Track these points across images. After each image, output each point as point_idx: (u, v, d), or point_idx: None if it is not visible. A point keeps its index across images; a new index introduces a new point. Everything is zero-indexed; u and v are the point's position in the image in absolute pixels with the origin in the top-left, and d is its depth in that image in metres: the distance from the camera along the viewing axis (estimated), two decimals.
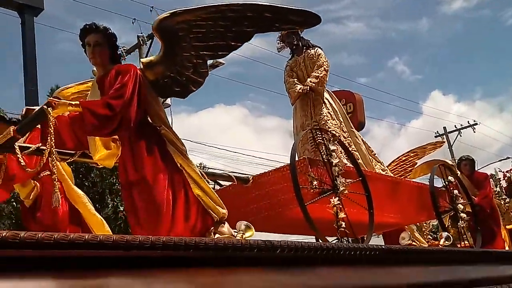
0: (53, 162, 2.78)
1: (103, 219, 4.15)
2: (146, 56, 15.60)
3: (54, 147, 2.76)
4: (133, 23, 15.82)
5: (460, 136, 25.54)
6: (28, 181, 3.94)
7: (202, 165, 13.46)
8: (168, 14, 3.14)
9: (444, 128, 25.86)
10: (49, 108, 2.78)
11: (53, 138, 2.75)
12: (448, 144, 24.62)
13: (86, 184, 8.63)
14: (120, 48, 3.31)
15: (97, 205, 8.54)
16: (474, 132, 25.54)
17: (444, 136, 25.27)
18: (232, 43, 3.30)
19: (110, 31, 3.21)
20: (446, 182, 5.38)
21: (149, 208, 2.94)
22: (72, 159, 3.46)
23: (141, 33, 15.95)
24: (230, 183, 4.52)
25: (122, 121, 2.92)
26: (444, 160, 6.33)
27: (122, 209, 8.99)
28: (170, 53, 3.22)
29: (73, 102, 2.88)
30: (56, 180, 2.77)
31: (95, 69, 3.51)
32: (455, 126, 25.97)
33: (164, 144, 3.09)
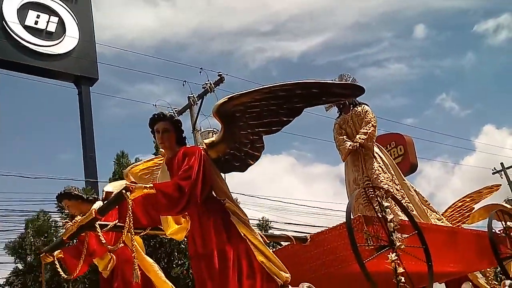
0: (133, 242, 3.13)
1: (173, 286, 4.46)
2: (197, 116, 16.26)
3: (132, 227, 3.10)
4: (183, 85, 16.44)
5: None
6: (105, 254, 4.34)
7: (265, 219, 13.56)
8: (226, 99, 3.51)
9: (502, 164, 25.12)
10: (127, 192, 3.15)
11: (131, 219, 3.10)
12: (507, 180, 23.84)
13: (152, 244, 9.00)
14: (184, 132, 3.69)
15: (164, 265, 8.93)
16: None
17: (503, 172, 24.52)
18: (285, 119, 3.61)
19: (176, 117, 3.63)
20: (506, 228, 5.38)
21: (215, 278, 3.22)
22: (145, 233, 3.82)
23: (191, 94, 16.55)
24: (289, 243, 4.75)
25: (190, 200, 3.26)
26: (501, 204, 6.31)
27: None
28: (229, 133, 3.57)
29: (148, 185, 3.25)
30: (135, 257, 3.10)
31: (163, 150, 3.91)
32: None
33: (228, 216, 3.40)
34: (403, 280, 4.11)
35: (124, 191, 3.16)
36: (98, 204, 4.34)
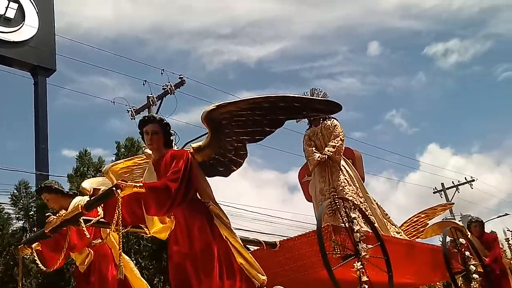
0: (120, 239, 3.21)
1: (146, 283, 4.54)
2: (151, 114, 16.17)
3: (120, 224, 3.18)
4: (143, 84, 16.32)
5: (458, 192, 25.93)
6: (84, 249, 4.37)
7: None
8: (214, 107, 3.65)
9: (442, 184, 26.39)
10: (118, 190, 3.23)
11: (120, 216, 3.18)
12: (446, 200, 25.03)
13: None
14: (173, 135, 3.80)
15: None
16: (472, 188, 25.98)
17: (442, 192, 25.74)
18: (267, 129, 3.78)
19: (165, 121, 3.74)
20: (458, 244, 5.74)
21: (201, 277, 3.34)
22: (126, 230, 3.88)
23: (151, 94, 16.46)
24: (259, 247, 4.91)
25: (177, 200, 3.37)
26: (455, 222, 6.71)
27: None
28: (215, 139, 3.71)
29: (137, 184, 3.34)
30: (120, 254, 3.18)
31: (147, 150, 4.00)
32: (452, 182, 26.45)
33: (212, 218, 3.54)
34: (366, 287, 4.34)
35: (114, 188, 3.23)
36: (78, 199, 4.39)
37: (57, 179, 5.51)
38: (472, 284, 5.53)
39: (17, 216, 9.52)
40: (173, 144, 3.87)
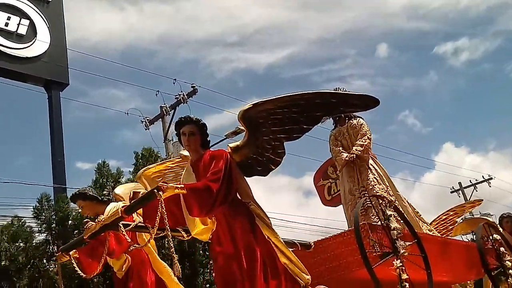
0: (170, 243, 3.19)
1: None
2: (169, 126, 16.21)
3: (168, 226, 3.14)
4: (156, 94, 16.38)
5: (476, 191, 25.72)
6: (121, 255, 4.33)
7: None
8: (251, 105, 3.61)
9: (460, 183, 26.20)
10: (159, 192, 3.19)
11: (166, 217, 3.14)
12: (464, 199, 24.79)
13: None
14: (208, 136, 3.76)
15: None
16: (490, 186, 25.73)
17: (460, 191, 25.50)
18: (304, 126, 3.74)
19: (202, 121, 3.70)
20: (492, 240, 5.65)
21: (246, 277, 3.29)
22: (165, 233, 3.84)
23: (164, 104, 16.51)
24: (293, 249, 4.84)
25: (219, 201, 3.33)
26: (486, 218, 6.61)
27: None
28: (252, 138, 3.67)
29: (179, 186, 3.30)
30: (174, 253, 3.15)
31: (183, 152, 3.97)
32: (470, 181, 26.22)
33: (253, 218, 3.49)
34: (407, 286, 4.26)
35: (156, 190, 3.19)
36: (113, 205, 4.35)
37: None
38: (509, 280, 5.43)
39: (39, 229, 9.53)
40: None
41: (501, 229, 6.54)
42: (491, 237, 5.71)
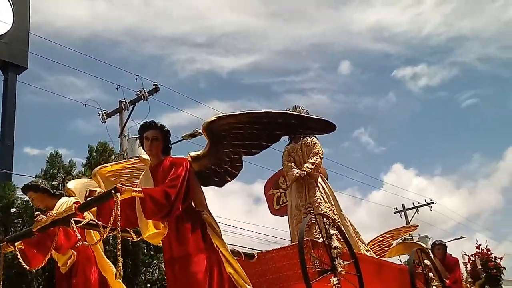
0: (119, 241, 3.27)
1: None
2: (126, 121, 16.06)
3: (119, 227, 3.24)
4: (117, 88, 16.18)
5: (418, 213, 26.72)
6: (68, 250, 4.35)
7: None
8: (215, 118, 3.77)
9: (403, 205, 27.15)
10: (117, 193, 3.28)
11: (119, 219, 3.23)
12: (406, 221, 25.77)
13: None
14: (171, 143, 3.88)
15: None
16: (431, 210, 26.80)
17: (403, 212, 26.46)
18: (264, 143, 3.93)
19: (166, 128, 3.82)
20: (423, 265, 6.01)
21: (190, 283, 3.43)
22: (115, 233, 3.92)
23: (124, 99, 16.33)
24: (238, 257, 5.01)
25: (174, 207, 3.46)
26: (420, 244, 7.00)
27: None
28: (213, 149, 3.82)
29: (137, 189, 3.40)
30: (119, 256, 3.23)
31: (142, 155, 4.06)
32: (412, 203, 27.21)
33: (205, 227, 3.64)
34: None
35: (113, 191, 3.28)
36: (64, 200, 4.39)
37: (21, 179, 5.46)
38: None
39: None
40: (143, 151, 3.96)
41: (432, 256, 6.95)
42: (422, 262, 6.06)
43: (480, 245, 9.42)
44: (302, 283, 4.44)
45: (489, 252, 8.97)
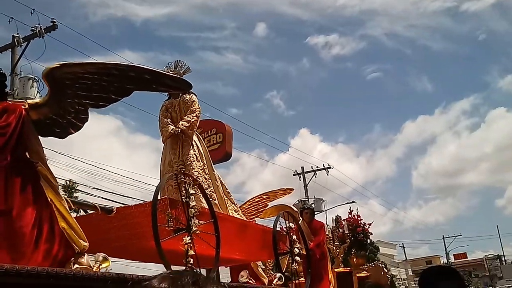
0: None
1: None
2: (19, 58, 15.06)
3: None
4: (9, 22, 15.03)
5: (315, 177, 27.75)
6: None
7: (72, 181, 13.27)
8: (58, 65, 3.53)
9: (302, 168, 28.12)
10: None
11: None
12: (304, 183, 26.78)
13: None
14: (7, 88, 3.61)
15: None
16: (328, 175, 27.97)
17: (302, 175, 27.40)
18: (113, 96, 3.76)
19: (1, 71, 3.53)
20: (288, 227, 6.22)
21: (13, 237, 3.26)
22: None
23: (17, 34, 15.24)
24: (94, 212, 4.89)
25: (1, 156, 3.24)
26: (290, 206, 7.23)
27: None
28: (55, 98, 3.60)
29: None
30: None
31: None
32: (311, 167, 28.21)
33: (38, 179, 3.45)
34: (191, 261, 4.55)
35: None
36: None
37: None
38: (292, 265, 6.03)
39: None
40: (37, 92, 3.69)
41: (300, 219, 7.22)
42: (288, 224, 6.26)
43: (352, 211, 9.98)
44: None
45: (359, 219, 9.50)
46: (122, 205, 5.17)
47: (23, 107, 3.53)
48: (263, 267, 7.61)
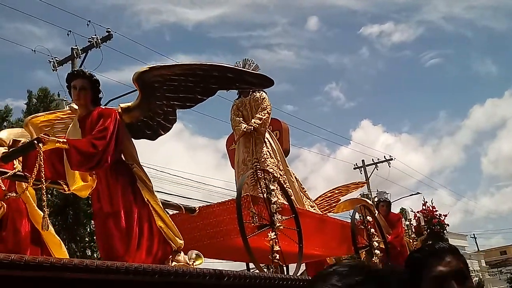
0: (42, 193, 3.17)
1: (60, 240, 4.47)
2: (79, 67, 15.57)
3: (43, 177, 3.14)
4: (68, 34, 15.58)
5: (377, 170, 27.18)
6: None
7: None
8: (147, 68, 3.63)
9: (363, 161, 27.46)
10: (39, 144, 3.17)
11: (42, 169, 3.14)
12: (365, 176, 26.20)
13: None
14: (101, 92, 3.74)
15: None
16: (390, 167, 27.29)
17: (362, 168, 26.89)
18: (199, 97, 3.83)
19: (95, 77, 3.66)
20: (365, 221, 6.14)
21: (122, 237, 3.39)
22: (45, 185, 3.81)
23: (76, 46, 15.78)
24: (179, 211, 4.99)
25: (102, 159, 3.37)
26: (365, 200, 7.13)
27: None
28: (145, 101, 3.70)
29: (61, 140, 3.29)
30: (45, 207, 3.15)
31: (72, 105, 3.92)
32: (372, 159, 27.62)
33: (135, 180, 3.56)
34: (277, 257, 4.57)
35: (36, 142, 3.17)
36: None
37: None
38: (373, 259, 5.95)
39: None
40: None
41: (376, 212, 7.11)
42: (365, 218, 6.18)
43: (426, 202, 9.70)
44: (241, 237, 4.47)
45: (434, 210, 9.24)
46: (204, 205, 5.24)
47: (117, 111, 3.65)
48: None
